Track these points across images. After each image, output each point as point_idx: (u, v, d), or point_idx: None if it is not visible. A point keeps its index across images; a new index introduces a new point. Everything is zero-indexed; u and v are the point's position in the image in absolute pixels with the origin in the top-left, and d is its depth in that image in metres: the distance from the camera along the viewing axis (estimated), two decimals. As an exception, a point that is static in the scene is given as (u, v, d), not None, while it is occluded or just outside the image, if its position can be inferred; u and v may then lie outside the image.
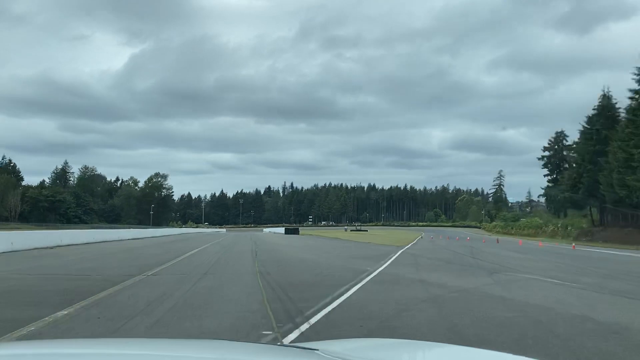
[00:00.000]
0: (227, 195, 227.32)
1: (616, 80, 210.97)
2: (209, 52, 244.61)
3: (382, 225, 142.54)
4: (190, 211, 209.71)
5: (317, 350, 1.82)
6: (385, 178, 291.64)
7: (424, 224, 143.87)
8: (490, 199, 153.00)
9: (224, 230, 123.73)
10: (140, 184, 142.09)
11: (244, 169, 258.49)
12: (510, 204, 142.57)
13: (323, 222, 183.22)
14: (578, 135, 57.10)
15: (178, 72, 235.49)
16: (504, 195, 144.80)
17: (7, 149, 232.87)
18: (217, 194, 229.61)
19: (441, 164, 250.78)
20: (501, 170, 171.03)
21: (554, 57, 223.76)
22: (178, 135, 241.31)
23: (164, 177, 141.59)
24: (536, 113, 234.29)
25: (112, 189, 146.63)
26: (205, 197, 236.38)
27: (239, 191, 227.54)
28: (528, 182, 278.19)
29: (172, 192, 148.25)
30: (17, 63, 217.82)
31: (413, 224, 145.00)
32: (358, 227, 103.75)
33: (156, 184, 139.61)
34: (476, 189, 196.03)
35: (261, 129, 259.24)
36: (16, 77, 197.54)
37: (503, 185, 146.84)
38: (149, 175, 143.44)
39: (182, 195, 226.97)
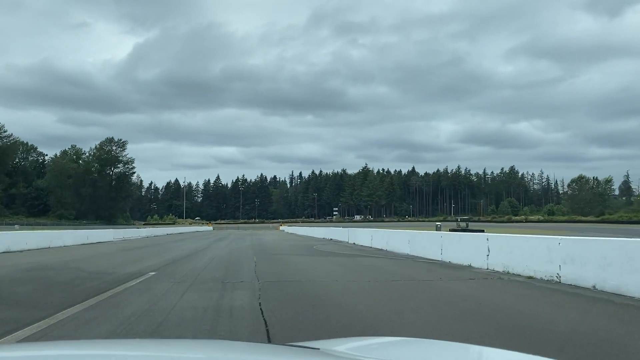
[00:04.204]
0: (225, 184, 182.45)
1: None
2: (216, 41, 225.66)
3: (479, 221, 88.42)
4: (177, 202, 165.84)
5: (319, 349, 1.81)
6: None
7: (538, 218, 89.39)
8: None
9: (211, 227, 75.03)
10: (87, 157, 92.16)
11: (248, 163, 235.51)
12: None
13: (357, 217, 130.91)
14: None
15: (183, 61, 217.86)
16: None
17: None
18: (212, 181, 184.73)
19: (453, 157, 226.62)
20: None
21: (577, 43, 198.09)
22: (181, 128, 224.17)
23: (121, 145, 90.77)
24: (553, 104, 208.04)
25: (44, 165, 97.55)
26: (197, 185, 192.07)
27: (240, 177, 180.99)
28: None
29: (134, 168, 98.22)
30: (15, 52, 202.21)
31: (517, 218, 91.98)
32: (462, 225, 52.53)
33: (107, 156, 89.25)
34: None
35: (267, 121, 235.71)
36: (14, 66, 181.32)
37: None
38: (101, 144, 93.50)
39: (169, 183, 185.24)
